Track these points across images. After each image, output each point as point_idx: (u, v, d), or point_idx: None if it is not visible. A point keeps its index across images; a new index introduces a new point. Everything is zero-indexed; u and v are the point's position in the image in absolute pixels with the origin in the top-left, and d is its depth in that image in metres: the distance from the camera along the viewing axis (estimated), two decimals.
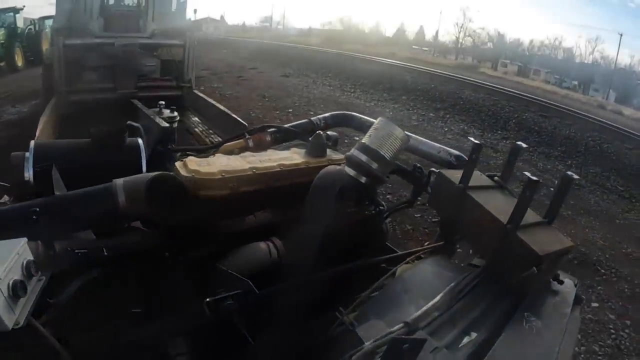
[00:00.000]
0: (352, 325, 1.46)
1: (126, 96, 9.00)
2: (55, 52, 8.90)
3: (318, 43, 38.69)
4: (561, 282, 1.82)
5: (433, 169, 2.38)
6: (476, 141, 1.94)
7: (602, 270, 6.21)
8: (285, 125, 3.12)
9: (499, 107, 15.07)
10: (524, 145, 2.03)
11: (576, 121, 15.11)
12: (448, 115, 13.31)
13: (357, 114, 3.40)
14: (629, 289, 5.99)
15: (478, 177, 1.99)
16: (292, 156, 2.35)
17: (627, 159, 12.47)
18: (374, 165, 1.96)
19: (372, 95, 15.45)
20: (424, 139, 2.91)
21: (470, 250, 2.47)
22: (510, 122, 13.64)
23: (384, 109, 13.80)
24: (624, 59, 60.03)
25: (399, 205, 2.72)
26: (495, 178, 2.08)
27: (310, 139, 2.52)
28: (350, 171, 1.98)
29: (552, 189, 8.77)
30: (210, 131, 8.73)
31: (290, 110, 12.38)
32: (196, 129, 8.81)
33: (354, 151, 2.00)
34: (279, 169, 2.15)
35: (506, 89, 19.54)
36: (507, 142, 11.64)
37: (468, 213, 1.84)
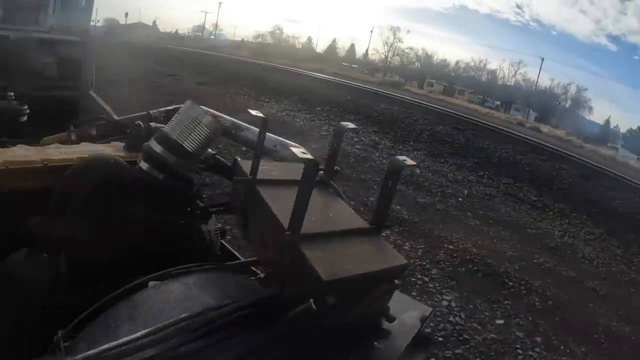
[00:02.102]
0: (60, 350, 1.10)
1: (23, 95, 8.19)
2: None
3: (247, 55, 37.95)
4: (391, 320, 1.22)
5: (237, 157, 1.86)
6: (260, 114, 1.45)
7: (510, 283, 5.70)
8: (118, 118, 2.85)
9: (414, 120, 14.86)
10: (351, 125, 1.59)
11: (491, 134, 15.09)
12: (360, 127, 12.78)
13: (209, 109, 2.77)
14: (540, 302, 5.52)
15: (289, 170, 1.53)
16: (105, 149, 2.02)
17: (541, 171, 12.39)
18: (172, 160, 1.64)
19: (286, 106, 14.83)
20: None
21: None
22: (423, 134, 13.40)
23: (293, 118, 13.30)
24: (545, 82, 62.63)
25: (218, 206, 2.07)
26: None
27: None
28: (144, 165, 1.66)
29: (460, 199, 8.42)
30: None
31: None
32: None
33: (150, 141, 1.71)
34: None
35: (424, 103, 19.54)
36: (419, 153, 11.37)
37: (254, 215, 1.40)
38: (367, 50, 75.23)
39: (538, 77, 60.02)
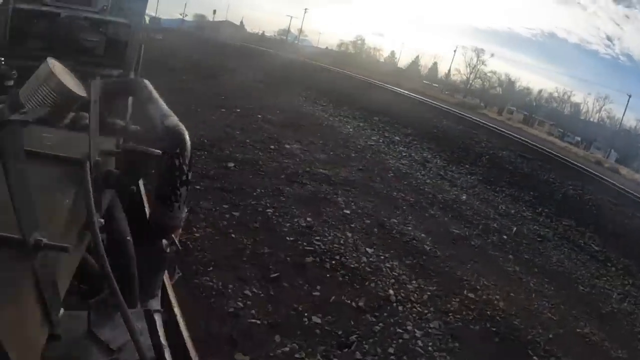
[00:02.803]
0: None
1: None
2: (2, 15, 8.16)
3: (327, 62, 37.45)
4: None
5: None
6: None
7: (535, 358, 4.27)
8: None
9: (475, 141, 13.62)
10: None
11: (560, 168, 13.40)
12: (415, 142, 11.63)
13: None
14: None
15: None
16: None
17: (611, 216, 10.61)
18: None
19: (344, 112, 13.91)
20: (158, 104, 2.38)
21: None
22: (482, 157, 11.98)
23: (345, 124, 12.28)
24: (630, 122, 58.64)
25: None
26: None
27: None
28: None
29: (504, 237, 7.07)
30: None
31: (239, 110, 10.90)
32: None
33: None
34: None
35: (491, 125, 17.92)
36: (472, 177, 9.92)
37: None
38: (449, 70, 73.49)
39: (623, 115, 56.82)
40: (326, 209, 5.96)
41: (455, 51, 71.27)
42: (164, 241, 2.08)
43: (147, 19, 36.01)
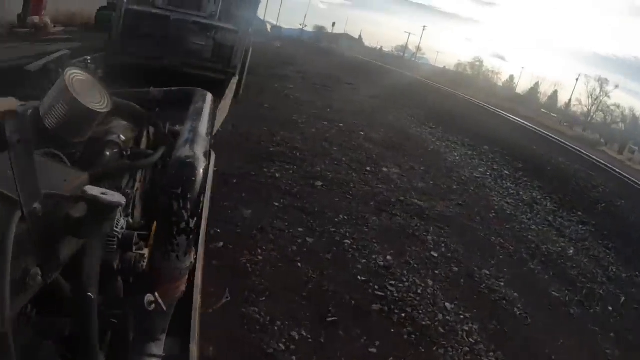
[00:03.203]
0: None
1: (171, 68, 9.55)
2: (116, 15, 9.52)
3: (443, 82, 36.39)
4: None
5: None
6: None
7: None
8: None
9: (592, 185, 12.17)
10: None
11: None
12: (525, 179, 10.51)
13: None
14: None
15: None
16: None
17: None
18: None
19: (453, 137, 13.04)
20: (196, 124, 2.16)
21: None
22: (598, 205, 10.55)
23: (452, 150, 11.44)
24: None
25: None
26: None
27: None
28: None
29: (610, 308, 5.89)
30: None
31: (342, 125, 10.50)
32: None
33: None
34: None
35: (612, 168, 16.04)
36: (583, 227, 8.62)
37: None
38: (569, 100, 69.16)
39: None
40: (411, 247, 5.31)
41: (577, 80, 66.87)
42: (147, 297, 1.68)
43: (268, 26, 37.04)
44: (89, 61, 5.28)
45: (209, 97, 2.93)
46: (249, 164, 6.77)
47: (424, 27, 78.62)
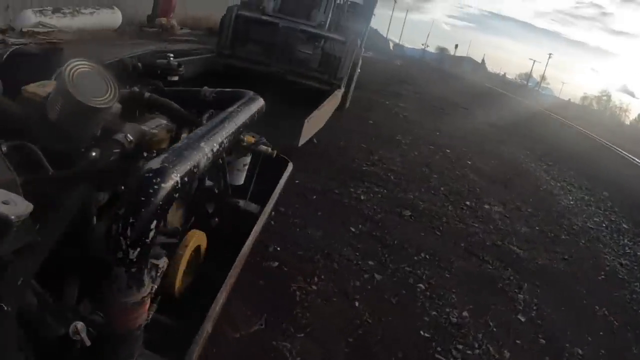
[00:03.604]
0: None
1: (277, 74, 9.84)
2: (227, 19, 10.02)
3: (565, 115, 33.77)
4: None
5: None
6: None
7: None
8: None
9: None
10: None
11: None
12: None
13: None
14: None
15: None
16: None
17: None
18: None
19: (569, 177, 11.60)
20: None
21: None
22: None
23: (566, 192, 10.06)
24: None
25: None
26: None
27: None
28: None
29: None
30: None
31: (448, 151, 9.67)
32: None
33: None
34: None
35: None
36: None
37: None
38: None
39: None
40: (496, 305, 4.45)
41: None
42: (73, 325, 1.45)
43: (391, 44, 36.68)
44: (172, 57, 5.18)
45: (257, 103, 2.73)
46: (335, 180, 6.34)
47: (550, 54, 73.86)
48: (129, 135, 2.34)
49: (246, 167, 3.39)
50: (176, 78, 4.95)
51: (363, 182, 6.55)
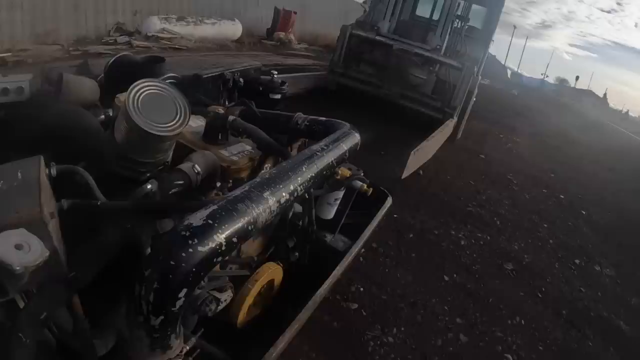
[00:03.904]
0: None
1: (388, 97, 9.78)
2: (340, 38, 10.03)
3: None
4: None
5: None
6: None
7: None
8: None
9: None
10: None
11: None
12: None
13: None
14: None
15: None
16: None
17: None
18: None
19: None
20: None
21: None
22: None
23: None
24: None
25: None
26: None
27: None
28: None
29: None
30: None
31: (562, 197, 8.72)
32: None
33: None
34: None
35: None
36: None
37: None
38: None
39: None
40: None
41: None
42: None
43: (508, 72, 34.89)
44: (275, 74, 5.03)
45: (351, 139, 2.51)
46: (435, 219, 5.90)
47: None
48: (196, 165, 2.13)
49: (338, 202, 3.10)
50: (278, 96, 4.79)
51: (466, 225, 6.04)
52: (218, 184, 2.36)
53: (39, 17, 12.51)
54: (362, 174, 2.99)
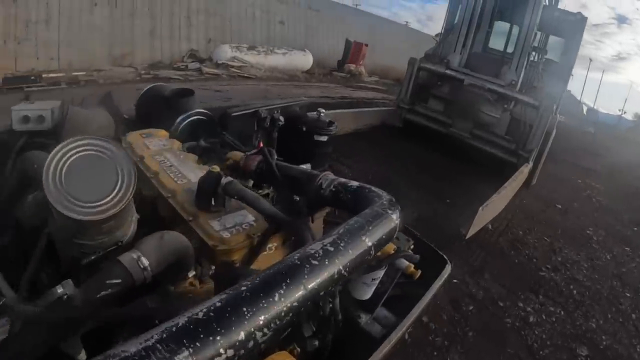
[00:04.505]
0: None
1: (458, 137, 8.96)
2: (408, 71, 9.33)
3: None
4: None
5: None
6: None
7: None
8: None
9: None
10: None
11: None
12: None
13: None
14: None
15: None
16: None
17: None
18: None
19: None
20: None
21: None
22: None
23: None
24: None
25: None
26: None
27: None
28: None
29: None
30: None
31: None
32: None
33: None
34: None
35: None
36: None
37: None
38: None
39: None
40: None
41: None
42: None
43: (584, 108, 32.34)
44: (323, 113, 4.29)
45: (386, 222, 1.65)
46: (502, 286, 4.90)
47: None
48: (142, 259, 1.44)
49: (377, 281, 2.34)
50: (325, 138, 4.04)
51: (537, 295, 5.00)
52: (192, 274, 1.69)
53: (117, 40, 12.77)
54: (411, 246, 2.27)
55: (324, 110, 4.11)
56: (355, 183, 1.95)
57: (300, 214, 2.12)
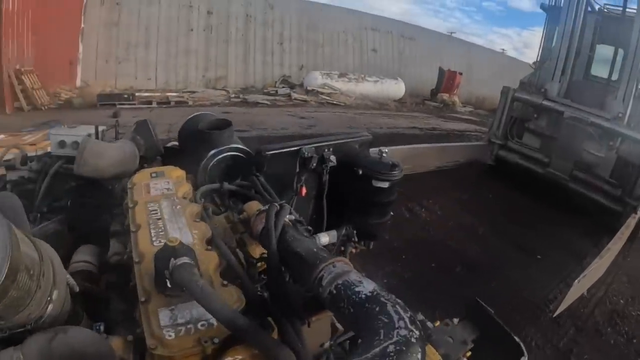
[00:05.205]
0: None
1: (555, 178, 7.70)
2: (501, 102, 8.25)
3: None
4: None
5: None
6: None
7: None
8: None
9: None
10: None
11: None
12: None
13: None
14: None
15: None
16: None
17: None
18: None
19: None
20: None
21: None
22: None
23: None
24: None
25: None
26: None
27: None
28: None
29: None
30: None
31: None
32: None
33: None
34: None
35: None
36: None
37: None
38: None
39: None
40: None
41: None
42: None
43: None
44: (385, 153, 3.53)
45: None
46: None
47: None
48: None
49: None
50: (386, 184, 3.25)
51: None
52: None
53: (211, 64, 13.17)
54: (468, 351, 1.87)
55: (386, 149, 3.32)
56: (368, 287, 1.22)
57: (294, 312, 1.45)
